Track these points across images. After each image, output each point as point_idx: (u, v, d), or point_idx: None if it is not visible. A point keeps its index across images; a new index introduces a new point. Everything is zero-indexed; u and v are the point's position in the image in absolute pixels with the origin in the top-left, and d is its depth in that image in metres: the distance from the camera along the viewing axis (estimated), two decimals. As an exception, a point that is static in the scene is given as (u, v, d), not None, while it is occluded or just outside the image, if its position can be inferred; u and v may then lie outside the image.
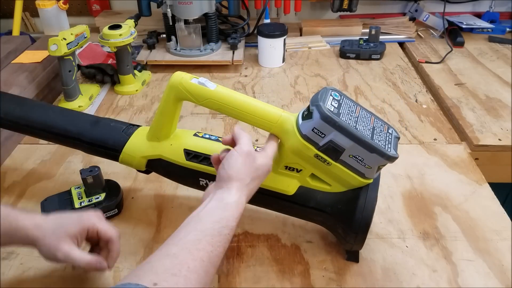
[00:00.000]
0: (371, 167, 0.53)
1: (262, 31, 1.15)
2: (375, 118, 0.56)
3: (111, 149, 0.66)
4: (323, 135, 0.51)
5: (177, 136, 0.64)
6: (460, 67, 1.17)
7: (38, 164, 0.83)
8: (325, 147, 0.52)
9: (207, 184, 0.62)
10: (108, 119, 0.70)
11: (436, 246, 0.64)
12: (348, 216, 0.56)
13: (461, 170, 0.80)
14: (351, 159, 0.53)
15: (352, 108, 0.54)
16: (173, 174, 0.65)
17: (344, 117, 0.51)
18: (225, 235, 0.47)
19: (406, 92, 1.07)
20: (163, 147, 0.63)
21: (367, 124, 0.53)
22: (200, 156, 0.61)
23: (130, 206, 0.72)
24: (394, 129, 0.56)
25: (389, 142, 0.53)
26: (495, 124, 0.92)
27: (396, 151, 0.53)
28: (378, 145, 0.51)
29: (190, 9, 1.11)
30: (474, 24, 1.37)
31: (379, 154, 0.51)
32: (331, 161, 0.53)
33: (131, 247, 0.65)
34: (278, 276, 0.60)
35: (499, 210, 0.71)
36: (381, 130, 0.54)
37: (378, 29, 1.22)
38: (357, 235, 0.56)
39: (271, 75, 1.17)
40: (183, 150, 0.62)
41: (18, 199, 0.74)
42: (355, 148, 0.51)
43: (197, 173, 0.62)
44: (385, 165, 0.53)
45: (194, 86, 0.56)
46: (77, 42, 0.96)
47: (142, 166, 0.65)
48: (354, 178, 0.55)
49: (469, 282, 0.59)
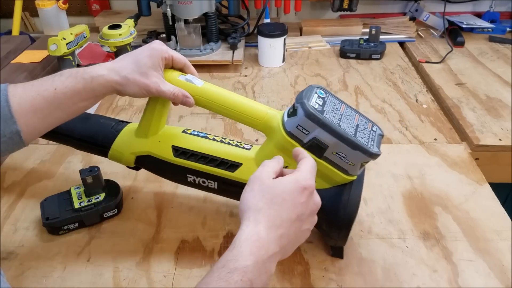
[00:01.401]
0: (354, 164, 0.54)
1: (262, 31, 1.15)
2: (359, 116, 0.56)
3: (100, 145, 0.66)
4: (307, 132, 0.52)
5: (166, 132, 0.65)
6: (460, 67, 1.17)
7: (38, 164, 0.83)
8: (309, 144, 0.53)
9: (195, 181, 0.63)
10: (98, 116, 0.71)
11: (436, 246, 0.64)
12: (332, 212, 0.56)
13: (462, 170, 0.80)
14: (335, 156, 0.53)
15: (336, 106, 0.55)
16: (161, 171, 0.66)
17: (328, 114, 0.52)
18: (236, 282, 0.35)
19: (406, 92, 1.07)
20: (152, 143, 0.64)
21: (351, 122, 0.54)
22: (188, 153, 0.62)
23: (129, 206, 0.72)
24: (379, 127, 0.57)
25: (372, 139, 0.54)
26: (495, 124, 0.92)
27: (379, 148, 0.53)
28: (361, 142, 0.52)
29: (190, 9, 1.11)
30: (474, 24, 1.37)
31: (361, 151, 0.52)
32: (315, 158, 0.54)
33: (131, 247, 0.65)
34: (278, 276, 0.60)
35: (500, 210, 0.71)
36: (365, 128, 0.55)
37: (378, 29, 1.22)
38: (340, 231, 0.57)
39: (271, 75, 1.17)
40: (171, 146, 0.62)
41: (18, 199, 0.74)
42: (338, 145, 0.52)
43: (185, 170, 0.62)
44: (368, 162, 0.54)
45: (181, 83, 0.57)
46: (77, 42, 0.96)
47: (131, 162, 0.66)
48: (338, 175, 0.55)
49: (469, 282, 0.59)
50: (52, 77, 0.53)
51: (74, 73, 0.54)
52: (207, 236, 0.67)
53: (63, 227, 0.66)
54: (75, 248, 0.65)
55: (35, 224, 0.69)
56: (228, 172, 0.60)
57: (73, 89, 0.53)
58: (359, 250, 0.64)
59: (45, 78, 0.54)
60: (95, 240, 0.66)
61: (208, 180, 0.62)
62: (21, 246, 0.65)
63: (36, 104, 0.51)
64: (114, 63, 0.56)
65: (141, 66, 0.55)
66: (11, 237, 0.67)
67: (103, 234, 0.67)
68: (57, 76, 0.54)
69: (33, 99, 0.51)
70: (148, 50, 0.57)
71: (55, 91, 0.52)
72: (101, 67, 0.55)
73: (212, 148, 0.61)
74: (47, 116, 0.53)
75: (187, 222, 0.69)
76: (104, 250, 0.64)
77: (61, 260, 0.63)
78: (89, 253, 0.64)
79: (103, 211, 0.68)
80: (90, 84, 0.53)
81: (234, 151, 0.61)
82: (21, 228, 0.68)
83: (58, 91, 0.52)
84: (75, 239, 0.66)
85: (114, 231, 0.68)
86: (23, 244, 0.65)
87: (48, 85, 0.52)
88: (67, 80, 0.53)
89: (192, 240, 0.66)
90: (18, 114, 0.50)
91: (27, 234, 0.67)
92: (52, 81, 0.53)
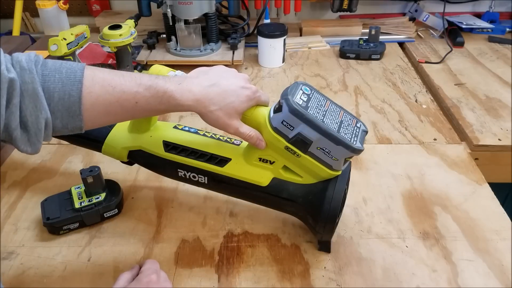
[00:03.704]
0: (337, 159, 0.55)
1: (262, 31, 1.15)
2: (344, 112, 0.58)
3: (94, 140, 0.67)
4: (291, 127, 0.53)
5: (157, 128, 0.66)
6: (460, 67, 1.17)
7: (38, 164, 0.83)
8: (294, 139, 0.54)
9: (185, 175, 0.64)
10: None
11: (436, 246, 0.64)
12: (318, 207, 0.57)
13: (461, 170, 0.80)
14: (319, 151, 0.54)
15: (321, 102, 0.56)
16: (152, 165, 0.67)
17: (312, 110, 0.53)
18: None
19: (406, 92, 1.07)
20: (143, 138, 0.65)
21: (335, 118, 0.55)
22: (178, 148, 0.63)
23: (130, 206, 0.73)
24: (363, 123, 0.58)
25: (355, 135, 0.55)
26: (495, 124, 0.92)
27: (362, 144, 0.55)
28: (344, 138, 0.53)
29: (190, 9, 1.11)
30: (474, 24, 1.37)
31: (344, 147, 0.53)
32: (300, 153, 0.55)
33: (131, 247, 0.65)
34: (278, 276, 0.60)
35: (499, 210, 0.71)
36: (349, 124, 0.56)
37: (378, 29, 1.22)
38: (325, 225, 0.58)
39: (271, 75, 1.17)
40: (162, 141, 0.63)
41: (19, 199, 0.74)
42: (322, 140, 0.53)
43: (175, 164, 0.63)
44: (351, 157, 0.56)
45: None
46: (77, 42, 0.96)
47: (124, 157, 0.67)
48: (322, 170, 0.56)
49: (469, 282, 0.59)
50: (136, 85, 0.50)
51: (161, 93, 0.51)
52: (207, 236, 0.67)
53: (63, 227, 0.66)
54: (76, 248, 0.65)
55: (36, 224, 0.69)
56: (217, 167, 0.61)
57: (154, 109, 0.52)
58: (359, 250, 0.64)
59: (128, 82, 0.50)
60: (96, 240, 0.66)
61: (198, 175, 0.63)
62: (22, 246, 0.65)
63: (111, 110, 0.50)
64: (203, 86, 0.54)
65: (229, 108, 0.54)
66: (11, 237, 0.67)
67: (103, 234, 0.67)
68: (141, 87, 0.51)
69: (109, 104, 0.49)
70: (243, 96, 0.55)
71: (135, 104, 0.51)
72: (190, 93, 0.53)
73: (202, 143, 0.62)
74: (117, 119, 0.54)
75: (187, 222, 0.69)
76: (105, 250, 0.64)
77: (61, 260, 0.63)
78: (89, 253, 0.64)
79: (103, 211, 0.68)
80: (173, 108, 0.53)
81: (223, 146, 0.62)
82: (21, 228, 0.68)
83: (138, 106, 0.51)
84: (76, 239, 0.66)
85: (114, 231, 0.68)
86: (24, 244, 0.65)
87: (130, 96, 0.50)
88: (150, 99, 0.51)
89: (192, 240, 0.66)
90: (87, 113, 0.48)
91: (27, 234, 0.67)
92: (136, 93, 0.50)
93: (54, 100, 0.47)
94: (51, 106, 0.46)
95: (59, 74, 0.47)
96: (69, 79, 0.47)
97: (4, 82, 0.43)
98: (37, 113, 0.45)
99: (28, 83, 0.45)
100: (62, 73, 0.47)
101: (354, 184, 0.74)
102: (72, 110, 0.48)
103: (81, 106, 0.48)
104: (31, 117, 0.45)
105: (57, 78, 0.47)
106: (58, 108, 0.47)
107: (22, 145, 0.47)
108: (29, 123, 0.46)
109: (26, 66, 0.45)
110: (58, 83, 0.47)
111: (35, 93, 0.45)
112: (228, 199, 0.72)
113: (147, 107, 0.52)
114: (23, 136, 0.46)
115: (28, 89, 0.45)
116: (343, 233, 0.67)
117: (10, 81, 0.43)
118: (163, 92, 0.52)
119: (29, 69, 0.45)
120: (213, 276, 0.60)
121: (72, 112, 0.48)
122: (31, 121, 0.45)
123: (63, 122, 0.48)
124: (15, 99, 0.44)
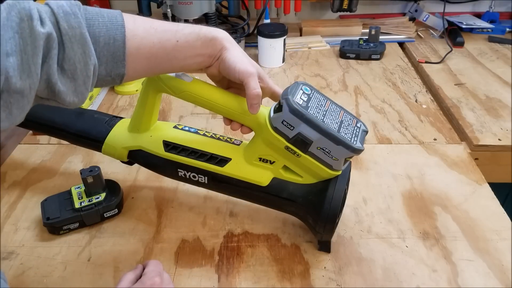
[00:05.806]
0: (338, 159, 0.55)
1: (262, 31, 1.15)
2: (344, 112, 0.58)
3: (94, 139, 0.67)
4: (292, 127, 0.53)
5: (157, 128, 0.66)
6: (460, 67, 1.17)
7: (38, 164, 0.83)
8: (294, 139, 0.54)
9: (186, 175, 0.64)
10: (93, 111, 0.72)
11: (436, 246, 0.64)
12: (318, 207, 0.57)
13: (461, 170, 0.80)
14: (319, 151, 0.54)
15: (321, 102, 0.56)
16: (152, 165, 0.67)
17: (312, 110, 0.53)
18: None
19: (406, 92, 1.07)
20: (143, 138, 0.65)
21: (335, 118, 0.55)
22: (178, 148, 0.63)
23: (130, 206, 0.73)
24: (363, 123, 0.58)
25: (356, 135, 0.55)
26: (495, 124, 0.92)
27: (362, 144, 0.55)
28: (344, 138, 0.53)
29: (190, 9, 1.11)
30: (474, 24, 1.37)
31: (344, 147, 0.53)
32: (300, 153, 0.55)
33: (131, 247, 0.65)
34: (278, 276, 0.60)
35: (499, 210, 0.71)
36: (349, 124, 0.56)
37: (378, 29, 1.22)
38: (325, 225, 0.58)
39: (271, 75, 1.17)
40: (162, 141, 0.63)
41: (18, 199, 0.74)
42: (322, 140, 0.53)
43: (175, 164, 0.63)
44: (352, 157, 0.56)
45: (171, 78, 0.58)
46: (77, 42, 0.96)
47: (124, 157, 0.67)
48: (322, 170, 0.56)
49: (469, 282, 0.59)
50: (175, 26, 0.51)
51: (197, 30, 0.52)
52: (207, 236, 0.67)
53: (63, 227, 0.66)
54: (76, 248, 0.65)
55: (36, 224, 0.69)
56: (217, 167, 0.61)
57: (192, 45, 0.51)
58: (359, 250, 0.64)
59: (167, 25, 0.51)
60: (96, 240, 0.66)
61: (199, 174, 0.63)
62: (22, 246, 0.65)
63: (154, 52, 0.49)
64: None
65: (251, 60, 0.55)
66: (11, 237, 0.67)
67: (103, 234, 0.67)
68: (180, 27, 0.51)
69: (153, 45, 0.48)
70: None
71: (176, 43, 0.50)
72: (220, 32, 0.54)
73: (202, 143, 0.62)
74: (157, 66, 0.51)
75: (187, 222, 0.69)
76: (105, 250, 0.64)
77: (61, 260, 0.63)
78: (89, 253, 0.64)
79: (103, 211, 0.68)
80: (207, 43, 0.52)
81: (223, 146, 0.62)
82: (21, 228, 0.68)
83: (179, 44, 0.50)
84: (76, 239, 0.66)
85: (114, 231, 0.68)
86: (24, 244, 0.66)
87: (171, 36, 0.50)
88: (190, 36, 0.51)
89: (192, 240, 0.66)
90: (131, 58, 0.47)
91: (27, 234, 0.67)
92: (176, 31, 0.50)
93: (100, 45, 0.44)
94: (97, 51, 0.44)
95: (102, 18, 0.45)
96: (112, 23, 0.45)
97: (40, 39, 0.39)
98: (86, 59, 0.43)
99: (75, 27, 0.41)
100: (105, 17, 0.45)
101: (354, 184, 0.74)
102: (117, 55, 0.46)
103: (125, 51, 0.46)
104: (79, 64, 0.42)
105: (101, 22, 0.45)
106: (103, 54, 0.45)
107: (68, 96, 0.43)
108: (78, 70, 0.42)
109: (70, 10, 0.42)
110: (103, 27, 0.45)
111: (83, 38, 0.42)
112: (228, 199, 0.72)
113: (186, 47, 0.51)
114: (69, 86, 0.43)
115: (76, 34, 0.41)
116: (343, 233, 0.67)
117: (47, 37, 0.40)
118: (199, 28, 0.52)
119: (74, 13, 0.42)
120: (213, 276, 0.60)
121: (116, 58, 0.46)
122: (79, 68, 0.42)
123: (107, 69, 0.46)
124: (52, 51, 0.41)
